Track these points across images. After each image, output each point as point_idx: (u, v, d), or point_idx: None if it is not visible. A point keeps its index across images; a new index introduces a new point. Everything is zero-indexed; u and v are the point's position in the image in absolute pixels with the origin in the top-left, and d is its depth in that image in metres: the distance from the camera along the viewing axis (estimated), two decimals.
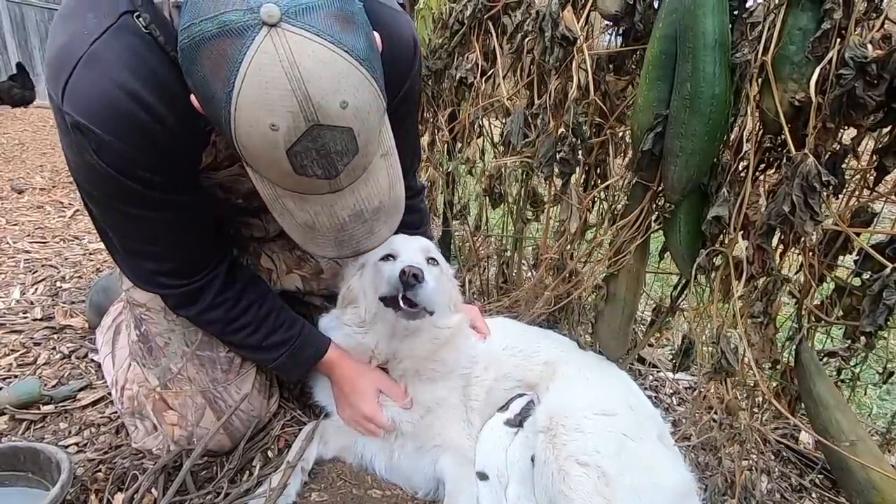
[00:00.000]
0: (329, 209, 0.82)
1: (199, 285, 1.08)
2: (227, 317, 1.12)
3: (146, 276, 1.07)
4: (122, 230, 1.01)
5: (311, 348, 1.21)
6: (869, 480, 0.97)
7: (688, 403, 1.63)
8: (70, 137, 0.84)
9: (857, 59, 0.83)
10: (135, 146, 0.85)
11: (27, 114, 6.54)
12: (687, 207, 1.12)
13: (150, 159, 0.88)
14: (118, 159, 0.85)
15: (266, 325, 1.16)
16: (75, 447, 1.25)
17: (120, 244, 1.05)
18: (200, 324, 1.16)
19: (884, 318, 0.93)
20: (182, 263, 1.06)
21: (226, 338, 1.18)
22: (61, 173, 3.88)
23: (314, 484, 1.20)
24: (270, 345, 1.17)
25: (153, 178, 0.90)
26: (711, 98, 0.96)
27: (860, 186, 1.05)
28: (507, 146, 1.52)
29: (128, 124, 0.83)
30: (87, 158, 0.85)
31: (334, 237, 0.85)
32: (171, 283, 1.06)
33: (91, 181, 0.91)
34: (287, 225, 0.84)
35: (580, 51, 1.23)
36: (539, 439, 1.06)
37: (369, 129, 0.75)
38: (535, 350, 1.32)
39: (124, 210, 0.95)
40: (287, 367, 1.22)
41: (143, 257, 1.04)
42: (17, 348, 1.60)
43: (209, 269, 1.10)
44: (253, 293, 1.16)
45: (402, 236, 1.20)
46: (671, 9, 1.02)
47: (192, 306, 1.10)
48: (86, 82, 0.81)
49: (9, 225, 2.69)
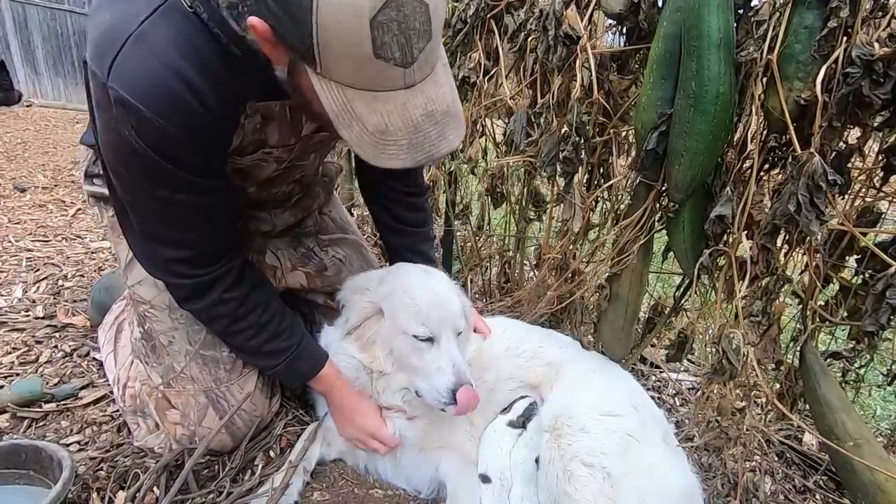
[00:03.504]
0: (402, 107, 0.80)
1: (212, 277, 1.07)
2: (234, 315, 1.11)
3: (162, 264, 1.06)
4: (146, 212, 1.00)
5: (310, 361, 1.19)
6: (874, 482, 0.96)
7: (690, 404, 1.63)
8: (110, 113, 0.85)
9: (863, 57, 0.82)
10: (175, 125, 0.86)
11: (30, 113, 6.55)
12: (691, 207, 1.12)
13: (188, 140, 0.89)
14: (157, 137, 0.86)
15: (268, 330, 1.15)
16: (77, 445, 1.25)
17: (141, 228, 1.04)
18: (206, 319, 1.15)
19: (886, 317, 0.93)
20: (200, 252, 1.05)
21: (228, 338, 1.17)
22: (63, 172, 3.88)
23: (316, 483, 1.20)
24: (270, 351, 1.16)
25: (187, 160, 0.92)
26: (716, 97, 0.95)
27: (866, 186, 1.05)
28: (509, 145, 1.52)
29: (171, 103, 0.84)
30: (124, 134, 0.85)
31: (408, 141, 0.82)
32: (186, 272, 1.05)
33: (124, 158, 0.91)
34: (356, 137, 0.80)
35: (583, 50, 1.23)
36: (544, 439, 1.06)
37: (439, 18, 0.77)
38: (539, 351, 1.31)
39: (152, 191, 0.94)
40: (284, 376, 1.23)
41: (163, 243, 1.03)
42: (18, 346, 1.60)
43: (224, 261, 1.09)
44: (260, 295, 1.15)
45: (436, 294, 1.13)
46: (675, 7, 1.01)
47: (200, 300, 1.09)
48: (134, 59, 0.82)
49: (11, 223, 2.69)
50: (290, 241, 1.50)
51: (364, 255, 1.64)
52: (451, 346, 1.09)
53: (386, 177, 1.46)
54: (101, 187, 1.32)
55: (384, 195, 1.49)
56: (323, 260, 1.54)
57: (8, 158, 4.16)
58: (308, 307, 1.59)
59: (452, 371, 1.05)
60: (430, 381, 1.07)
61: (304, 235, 1.54)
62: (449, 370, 1.05)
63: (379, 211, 1.53)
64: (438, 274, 1.25)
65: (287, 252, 1.47)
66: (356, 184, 2.93)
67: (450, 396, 1.03)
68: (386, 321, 1.14)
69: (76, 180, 3.65)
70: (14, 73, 7.39)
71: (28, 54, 7.79)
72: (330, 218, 1.61)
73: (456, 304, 1.15)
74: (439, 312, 1.10)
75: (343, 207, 1.72)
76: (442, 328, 1.09)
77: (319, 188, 1.56)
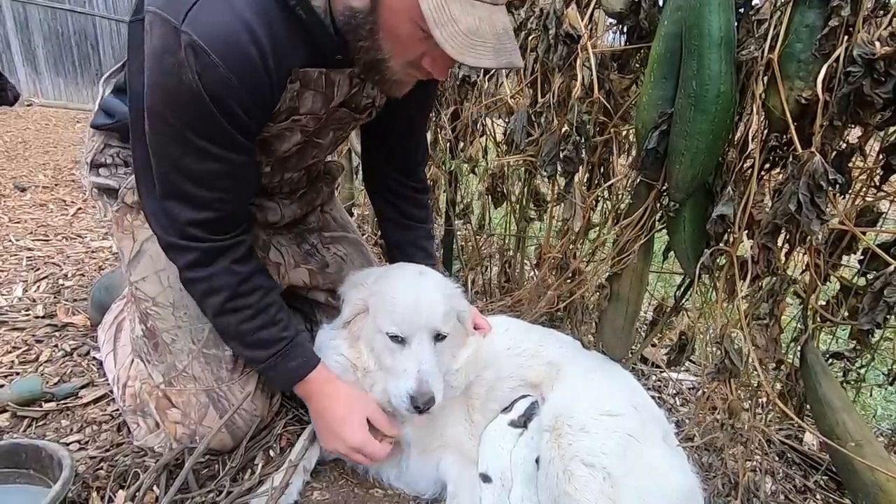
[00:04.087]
0: (490, 18, 0.89)
1: (224, 245, 1.07)
2: (235, 290, 1.09)
3: (178, 226, 1.05)
4: (179, 165, 0.99)
5: (300, 359, 1.15)
6: (875, 482, 0.96)
7: (691, 404, 1.63)
8: (175, 57, 0.88)
9: (864, 56, 0.82)
10: (238, 78, 0.90)
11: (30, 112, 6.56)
12: (691, 206, 1.12)
13: (245, 94, 0.93)
14: (218, 85, 0.90)
15: (264, 316, 1.12)
16: (77, 445, 1.25)
17: (165, 184, 1.03)
18: (206, 290, 1.10)
19: (883, 316, 0.93)
20: (220, 216, 1.05)
21: (222, 317, 1.12)
22: (64, 171, 3.88)
23: (316, 483, 1.19)
24: (262, 339, 1.12)
25: (237, 114, 0.95)
26: (717, 96, 0.95)
27: (866, 185, 1.05)
28: (510, 145, 1.52)
29: (240, 58, 0.90)
30: (184, 79, 0.89)
31: (493, 45, 0.89)
32: (201, 235, 1.05)
33: (176, 103, 0.93)
34: (448, 34, 0.86)
35: (584, 49, 1.23)
36: (544, 439, 1.06)
37: None
38: (539, 349, 1.31)
39: (194, 142, 0.96)
40: (272, 373, 1.16)
41: (186, 201, 1.03)
42: (19, 346, 1.60)
43: (239, 232, 1.10)
44: (263, 280, 1.15)
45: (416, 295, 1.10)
46: (676, 6, 1.01)
47: (207, 267, 1.07)
48: (212, 9, 0.88)
49: (11, 223, 2.69)
50: (294, 238, 1.51)
51: (364, 254, 1.65)
52: (422, 350, 1.06)
53: (394, 172, 1.47)
54: (108, 178, 1.31)
55: (390, 189, 1.49)
56: (325, 257, 1.55)
57: (8, 158, 4.16)
58: (309, 306, 1.59)
59: (416, 376, 1.03)
60: (395, 383, 1.06)
61: (308, 232, 1.55)
62: (413, 374, 1.03)
63: (383, 205, 1.53)
64: (432, 276, 1.21)
65: (291, 249, 1.48)
66: (356, 183, 2.96)
67: (408, 400, 1.02)
68: (369, 318, 1.14)
69: (77, 179, 3.65)
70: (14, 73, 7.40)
71: (29, 54, 7.78)
72: (331, 217, 1.62)
73: (438, 307, 1.10)
74: (414, 314, 1.07)
75: (343, 208, 1.72)
76: (415, 330, 1.07)
77: (323, 184, 1.57)
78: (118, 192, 1.27)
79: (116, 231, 1.30)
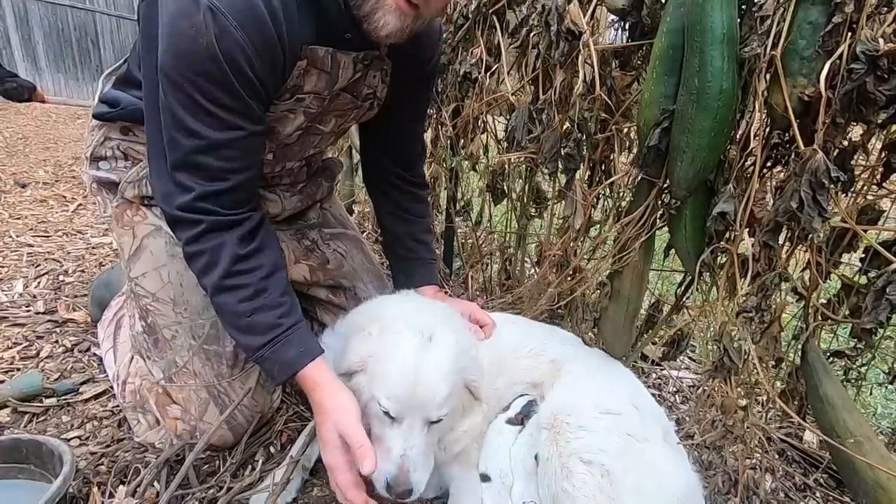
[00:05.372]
0: None
1: (231, 219, 1.05)
2: (233, 268, 1.04)
3: (189, 199, 1.02)
4: (191, 129, 0.98)
5: (298, 349, 1.05)
6: (876, 480, 0.96)
7: (691, 401, 1.63)
8: (192, 20, 0.89)
9: (868, 53, 0.81)
10: (253, 43, 0.93)
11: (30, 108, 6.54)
12: (693, 204, 1.11)
13: (259, 63, 0.96)
14: (235, 48, 0.92)
15: (263, 297, 1.05)
16: (78, 440, 1.25)
17: (179, 153, 1.00)
18: (207, 264, 1.05)
19: (885, 314, 0.92)
20: (231, 187, 1.04)
21: (220, 294, 1.05)
22: (64, 168, 3.88)
23: (316, 479, 1.20)
24: (258, 324, 1.05)
25: (253, 82, 0.97)
26: (719, 93, 0.94)
27: (868, 183, 1.04)
28: (511, 142, 1.51)
29: (257, 24, 0.93)
30: (202, 42, 0.90)
31: None
32: (209, 207, 1.03)
33: (192, 68, 0.93)
34: None
35: (586, 46, 1.22)
36: (542, 436, 1.06)
37: None
38: (543, 347, 1.30)
39: (207, 108, 0.96)
40: (266, 365, 1.07)
41: (198, 172, 1.01)
42: (19, 341, 1.60)
43: (248, 208, 1.08)
44: (266, 260, 1.08)
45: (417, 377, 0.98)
46: (678, 3, 1.00)
47: (210, 240, 1.03)
48: None
49: (12, 219, 2.69)
50: (294, 234, 1.51)
51: (364, 251, 1.65)
52: (411, 435, 0.98)
53: (393, 165, 1.47)
54: (108, 172, 1.31)
55: (389, 183, 1.49)
56: (325, 253, 1.55)
57: (9, 154, 4.16)
58: (310, 303, 1.59)
59: (397, 463, 0.96)
60: (379, 457, 0.96)
61: (308, 228, 1.55)
62: (395, 458, 0.96)
63: (382, 199, 1.53)
64: (440, 347, 1.03)
65: (291, 244, 1.48)
66: (356, 180, 2.95)
67: (383, 485, 0.95)
68: (366, 378, 1.04)
69: (77, 176, 3.65)
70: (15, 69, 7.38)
71: (29, 50, 7.77)
72: (331, 213, 1.63)
73: (439, 391, 0.98)
74: (411, 398, 0.97)
75: (342, 205, 1.73)
76: (408, 413, 0.98)
77: (322, 179, 1.57)
78: (118, 188, 1.27)
79: (116, 227, 1.29)
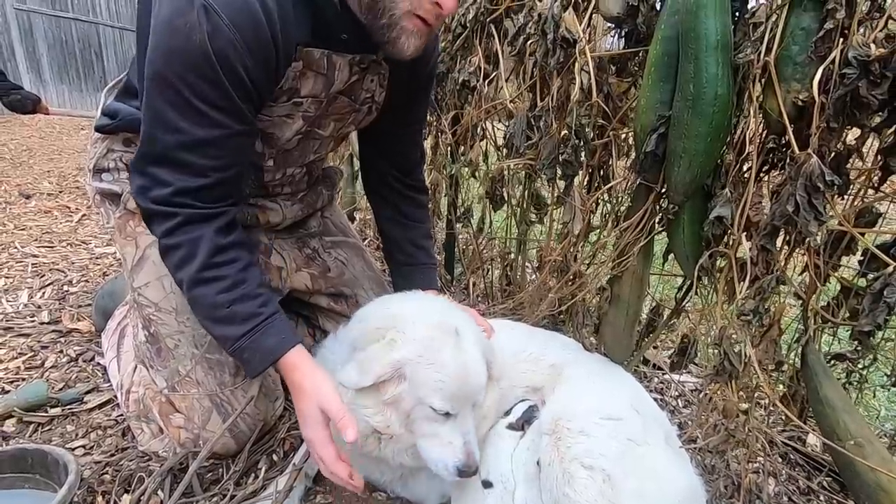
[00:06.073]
0: None
1: (207, 213, 1.05)
2: (211, 261, 1.04)
3: (167, 194, 1.01)
4: (178, 128, 0.98)
5: (278, 337, 1.06)
6: (877, 483, 0.96)
7: (693, 406, 1.63)
8: (186, 18, 0.90)
9: (860, 58, 0.82)
10: (246, 43, 0.94)
11: (34, 120, 6.61)
12: (691, 209, 1.12)
13: (251, 63, 0.96)
14: (227, 47, 0.92)
15: (242, 288, 1.05)
16: (82, 449, 1.26)
17: (160, 148, 1.00)
18: (184, 256, 1.04)
19: (883, 316, 0.92)
20: (211, 183, 1.03)
21: (198, 287, 1.05)
22: (68, 178, 3.92)
23: (319, 486, 1.20)
24: (237, 314, 1.05)
25: (244, 81, 0.97)
26: (714, 99, 0.95)
27: (865, 186, 1.05)
28: (509, 148, 1.53)
29: (251, 23, 0.93)
30: (194, 39, 0.91)
31: None
32: (186, 201, 1.02)
33: (182, 65, 0.93)
34: None
35: (582, 53, 1.23)
36: (543, 441, 1.06)
37: None
38: (543, 353, 1.31)
39: (195, 106, 0.96)
40: (245, 355, 1.06)
41: (179, 169, 1.01)
42: (24, 352, 1.62)
43: (227, 203, 1.08)
44: (243, 253, 1.09)
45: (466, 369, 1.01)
46: (673, 10, 1.02)
47: (187, 233, 1.03)
48: None
49: (17, 230, 2.71)
50: (296, 243, 1.52)
51: (365, 258, 1.66)
52: (467, 422, 1.02)
53: (392, 170, 1.48)
54: (111, 183, 1.33)
55: (388, 188, 1.50)
56: (326, 261, 1.56)
57: (14, 165, 4.20)
58: (312, 311, 1.60)
59: (463, 450, 1.00)
60: (439, 452, 1.01)
61: (308, 237, 1.56)
62: (460, 448, 1.00)
63: (381, 204, 1.54)
64: (469, 335, 1.07)
65: (292, 253, 1.49)
66: (357, 188, 2.97)
67: (455, 473, 0.99)
68: (406, 386, 1.01)
69: (81, 186, 3.68)
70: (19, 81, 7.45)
71: (33, 62, 7.85)
72: (331, 222, 1.64)
73: (483, 378, 1.05)
74: (465, 390, 1.01)
75: (343, 213, 1.74)
76: (463, 405, 1.02)
77: (323, 188, 1.58)
78: (121, 199, 1.29)
79: (119, 237, 1.31)
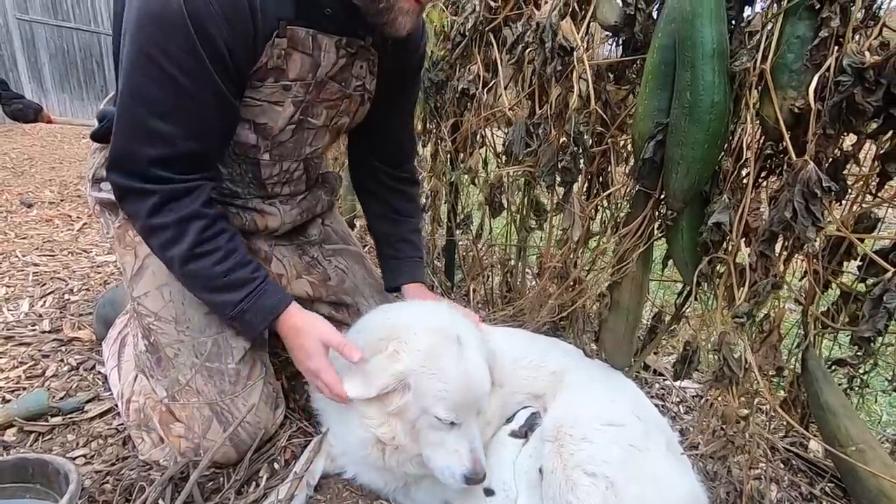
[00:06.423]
0: None
1: (187, 186, 1.06)
2: (203, 234, 1.07)
3: (141, 165, 1.02)
4: (150, 96, 0.99)
5: (275, 297, 1.15)
6: (879, 488, 0.96)
7: (695, 412, 1.62)
8: None
9: (854, 65, 0.83)
10: (224, 13, 0.95)
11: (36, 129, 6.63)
12: (689, 215, 1.12)
13: (228, 33, 0.97)
14: (203, 14, 0.93)
15: (234, 257, 1.11)
16: (83, 459, 1.25)
17: (132, 119, 1.01)
18: (173, 237, 1.06)
19: (883, 322, 0.93)
20: (183, 153, 1.04)
21: (192, 263, 1.08)
22: (69, 187, 3.93)
23: (320, 495, 1.20)
24: (235, 281, 1.11)
25: (221, 53, 0.98)
26: (711, 106, 0.96)
27: (863, 192, 1.05)
28: (509, 156, 1.54)
29: None
30: (172, 6, 0.92)
31: None
32: (163, 174, 1.03)
33: (157, 30, 0.94)
34: None
35: (580, 61, 1.25)
36: (546, 449, 1.06)
37: None
38: (544, 360, 1.31)
39: (164, 69, 0.96)
40: (247, 317, 1.13)
41: (151, 138, 1.01)
42: (25, 360, 1.61)
43: (204, 175, 1.09)
44: (227, 224, 1.14)
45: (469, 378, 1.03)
46: (670, 18, 1.03)
47: (172, 211, 1.05)
48: None
49: (18, 238, 2.72)
50: (295, 250, 1.52)
51: (366, 266, 1.66)
52: (471, 430, 1.04)
53: (381, 164, 1.48)
54: (109, 193, 1.33)
55: (378, 182, 1.50)
56: (326, 269, 1.56)
57: (15, 174, 4.21)
58: None
59: (470, 458, 1.01)
60: (446, 460, 1.02)
61: (308, 245, 1.56)
62: (466, 456, 1.01)
63: (370, 200, 1.54)
64: (471, 341, 1.09)
65: (292, 260, 1.49)
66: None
67: (463, 481, 1.01)
68: (411, 396, 1.04)
69: (82, 195, 3.69)
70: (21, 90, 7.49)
71: (35, 71, 7.90)
72: (332, 229, 1.64)
73: (487, 385, 1.07)
74: (469, 399, 1.03)
75: (343, 221, 1.74)
76: (468, 413, 1.03)
77: (322, 192, 1.58)
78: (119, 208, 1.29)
79: (119, 247, 1.31)
